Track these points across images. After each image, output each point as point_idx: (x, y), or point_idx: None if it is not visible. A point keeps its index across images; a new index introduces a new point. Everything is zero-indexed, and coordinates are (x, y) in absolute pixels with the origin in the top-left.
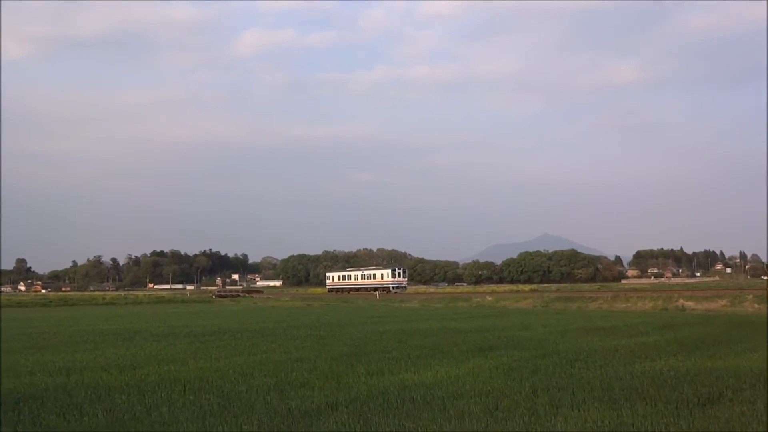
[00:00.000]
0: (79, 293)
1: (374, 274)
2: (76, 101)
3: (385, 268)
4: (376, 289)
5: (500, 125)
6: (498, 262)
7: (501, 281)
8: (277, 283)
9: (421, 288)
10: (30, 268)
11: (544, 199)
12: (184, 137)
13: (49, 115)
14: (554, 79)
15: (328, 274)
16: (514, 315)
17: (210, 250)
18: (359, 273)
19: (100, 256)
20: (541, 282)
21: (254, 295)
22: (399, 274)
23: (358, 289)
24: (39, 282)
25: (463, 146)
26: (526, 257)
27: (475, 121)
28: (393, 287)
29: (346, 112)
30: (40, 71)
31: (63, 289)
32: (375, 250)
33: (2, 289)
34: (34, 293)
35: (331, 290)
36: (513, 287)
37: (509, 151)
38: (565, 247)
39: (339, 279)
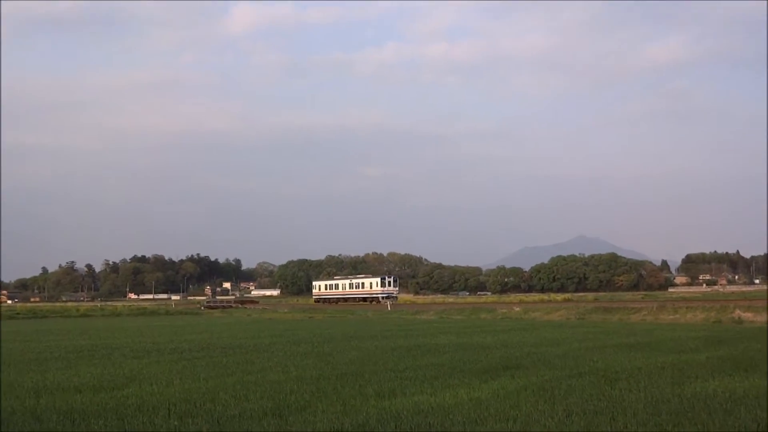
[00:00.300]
0: (49, 304)
1: (363, 283)
2: (44, 85)
3: (374, 276)
4: (364, 299)
5: (528, 111)
6: (526, 267)
7: (530, 290)
8: (275, 292)
9: (439, 297)
10: None
11: (579, 195)
12: (168, 127)
13: (11, 101)
14: (590, 59)
15: (314, 283)
16: (545, 328)
17: (198, 255)
18: (347, 282)
19: (73, 263)
20: (576, 290)
21: (248, 306)
22: (389, 283)
23: (346, 299)
24: (5, 291)
25: (486, 135)
26: (559, 262)
27: (500, 106)
28: (382, 297)
29: (352, 98)
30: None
31: (32, 299)
32: (386, 255)
33: None
34: None
35: (317, 300)
36: (544, 296)
37: (539, 140)
38: (603, 251)
39: (326, 288)
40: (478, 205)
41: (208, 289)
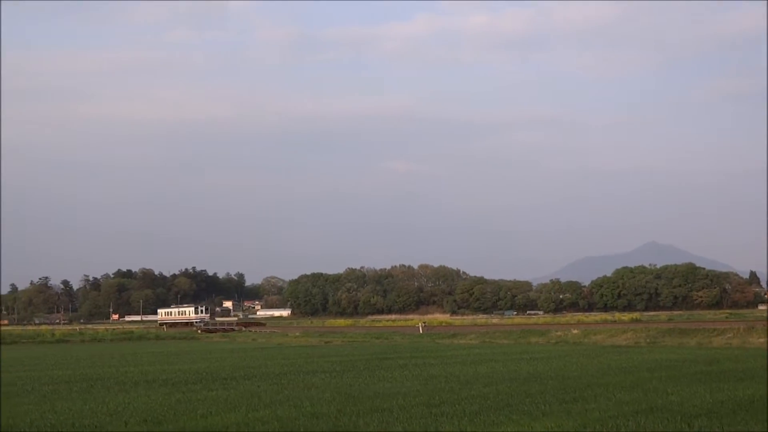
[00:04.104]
0: (20, 327)
1: (186, 311)
2: (8, 67)
3: (190, 306)
4: (186, 323)
5: (589, 95)
6: (586, 281)
7: (590, 308)
8: (284, 313)
9: (480, 318)
10: None
11: (650, 195)
12: (158, 116)
13: None
14: (663, 29)
15: (159, 310)
16: (608, 354)
17: (194, 268)
18: (177, 310)
19: (47, 279)
20: (646, 309)
21: (253, 329)
22: (201, 311)
23: (175, 324)
24: None
25: (537, 124)
26: (625, 275)
27: (555, 89)
28: (196, 322)
29: (375, 80)
30: None
31: None
32: (416, 268)
33: None
34: None
35: (161, 324)
36: (607, 316)
37: (601, 129)
38: (678, 260)
39: (166, 314)
40: (527, 208)
41: None
